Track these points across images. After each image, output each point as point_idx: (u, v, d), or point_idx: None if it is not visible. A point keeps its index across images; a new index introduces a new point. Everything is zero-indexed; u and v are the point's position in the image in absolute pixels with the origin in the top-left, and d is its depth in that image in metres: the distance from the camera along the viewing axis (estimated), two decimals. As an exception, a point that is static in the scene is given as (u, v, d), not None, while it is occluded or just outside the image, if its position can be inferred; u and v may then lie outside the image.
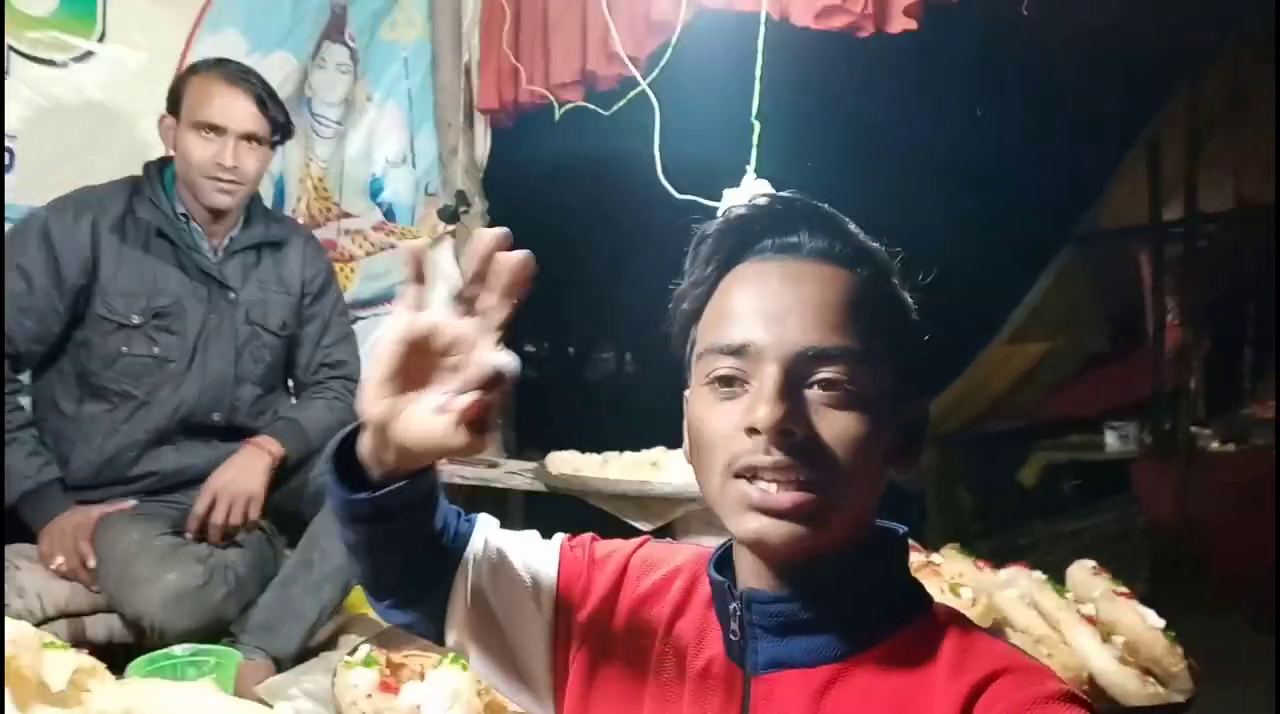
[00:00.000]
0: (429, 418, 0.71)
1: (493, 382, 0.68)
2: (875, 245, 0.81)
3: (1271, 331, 5.86)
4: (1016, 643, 1.82)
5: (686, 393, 0.84)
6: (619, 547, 0.96)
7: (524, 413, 3.59)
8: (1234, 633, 3.92)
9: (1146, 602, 1.93)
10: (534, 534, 1.00)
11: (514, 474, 2.56)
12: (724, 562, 0.84)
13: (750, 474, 0.73)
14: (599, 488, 2.21)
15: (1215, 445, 5.19)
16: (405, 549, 0.87)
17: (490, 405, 0.69)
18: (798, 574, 0.77)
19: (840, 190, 0.91)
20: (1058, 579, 2.08)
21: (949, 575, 2.04)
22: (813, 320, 0.75)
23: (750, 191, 1.92)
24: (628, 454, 2.37)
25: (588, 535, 0.99)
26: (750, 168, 1.95)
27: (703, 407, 0.78)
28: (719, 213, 0.87)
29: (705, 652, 0.83)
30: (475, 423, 0.69)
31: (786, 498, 0.72)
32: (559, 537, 0.99)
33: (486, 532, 0.95)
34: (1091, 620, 1.87)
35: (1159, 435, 5.50)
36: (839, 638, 0.76)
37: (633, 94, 2.37)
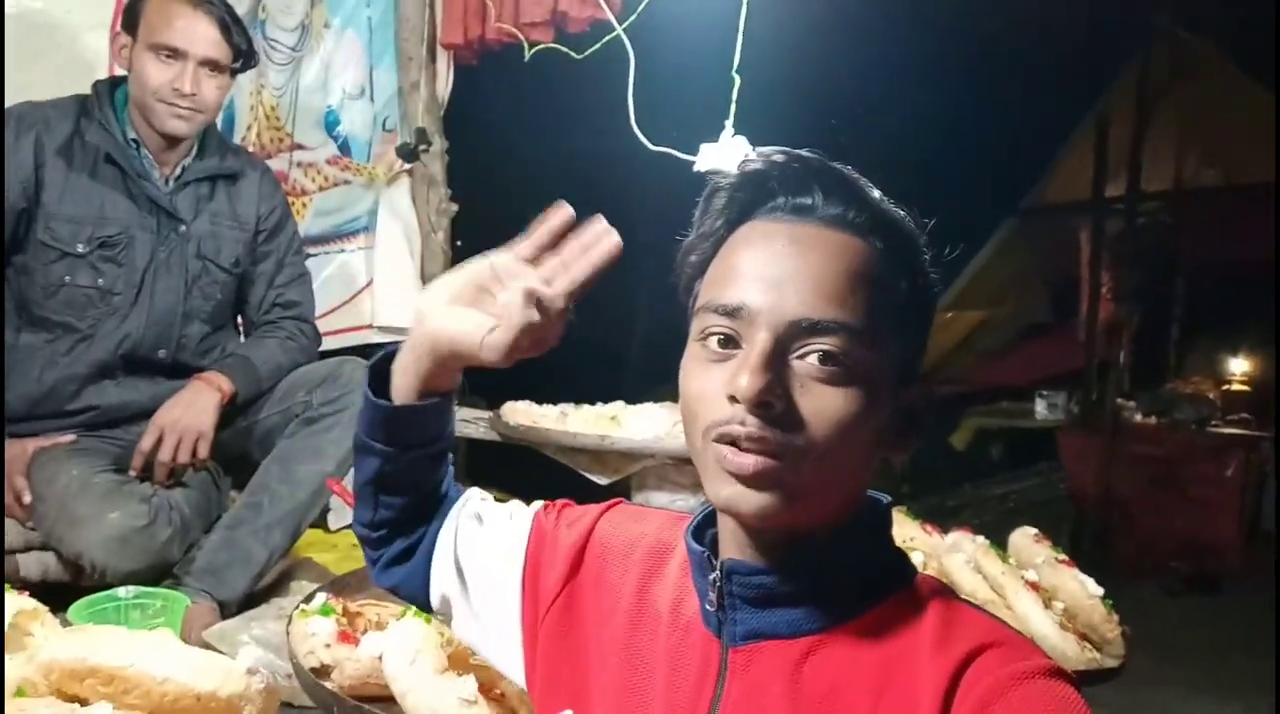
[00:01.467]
0: (473, 322, 0.81)
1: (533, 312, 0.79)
2: (899, 214, 0.77)
3: (1198, 311, 6.10)
4: (962, 606, 1.88)
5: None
6: (588, 511, 0.95)
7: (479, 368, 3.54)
8: (1151, 598, 4.12)
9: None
10: (517, 504, 1.01)
11: (467, 422, 2.53)
12: (701, 530, 0.82)
13: (728, 441, 0.71)
14: (557, 440, 2.19)
15: (1139, 418, 5.37)
16: (411, 490, 0.94)
17: (525, 328, 0.79)
18: (780, 547, 0.76)
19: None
20: (988, 541, 2.13)
21: (900, 539, 2.08)
22: (811, 290, 0.72)
23: (728, 148, 1.89)
24: (586, 407, 2.34)
25: (562, 501, 0.99)
26: (729, 123, 1.92)
27: (693, 364, 0.76)
28: (695, 168, 0.85)
29: (681, 619, 0.82)
30: (508, 343, 0.80)
31: (750, 461, 0.70)
32: (536, 505, 0.99)
33: (472, 498, 1.00)
34: (1034, 586, 1.93)
35: (1086, 406, 5.68)
36: (819, 610, 0.75)
37: (607, 38, 2.31)
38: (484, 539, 0.96)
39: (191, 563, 1.95)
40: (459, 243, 2.96)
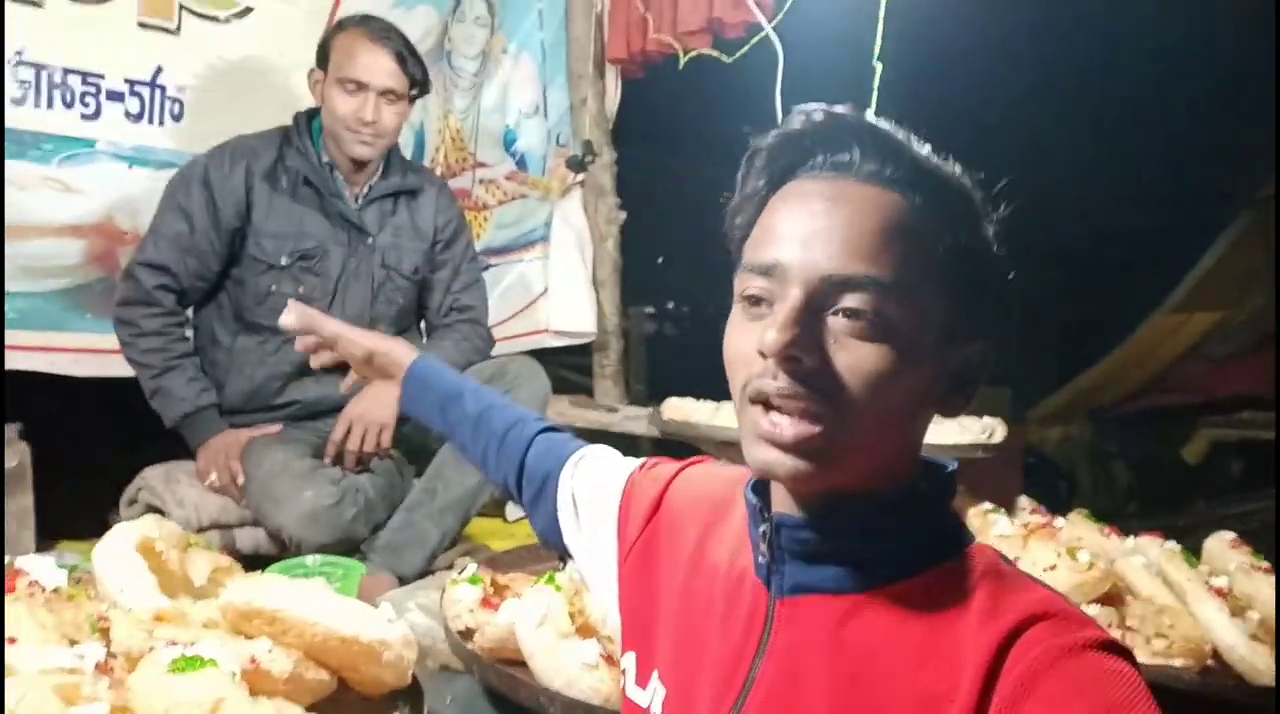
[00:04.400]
0: None
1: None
2: (948, 170, 0.76)
3: None
4: (1136, 612, 1.75)
5: None
6: (673, 465, 1.01)
7: (658, 368, 3.64)
8: None
9: None
10: (628, 460, 1.08)
11: (631, 419, 2.62)
12: (761, 484, 0.84)
13: (762, 400, 0.72)
14: (708, 434, 2.24)
15: (1406, 428, 4.70)
16: (467, 448, 1.21)
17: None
18: (825, 504, 0.76)
19: (969, 141, 0.86)
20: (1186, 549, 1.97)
21: (1067, 540, 1.96)
22: (842, 245, 0.71)
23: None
24: (740, 402, 2.37)
25: (657, 458, 1.05)
26: (870, 110, 1.89)
27: (732, 325, 0.77)
28: None
29: (736, 569, 0.84)
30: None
31: (791, 431, 0.70)
32: (641, 461, 1.06)
33: (589, 454, 1.10)
34: (1222, 593, 1.77)
35: (1342, 415, 5.03)
36: (864, 569, 0.75)
37: (756, 39, 2.35)
38: (593, 490, 1.05)
39: (376, 540, 2.15)
40: (660, 259, 3.05)
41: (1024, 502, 2.31)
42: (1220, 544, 2.00)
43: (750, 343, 0.73)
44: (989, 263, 0.77)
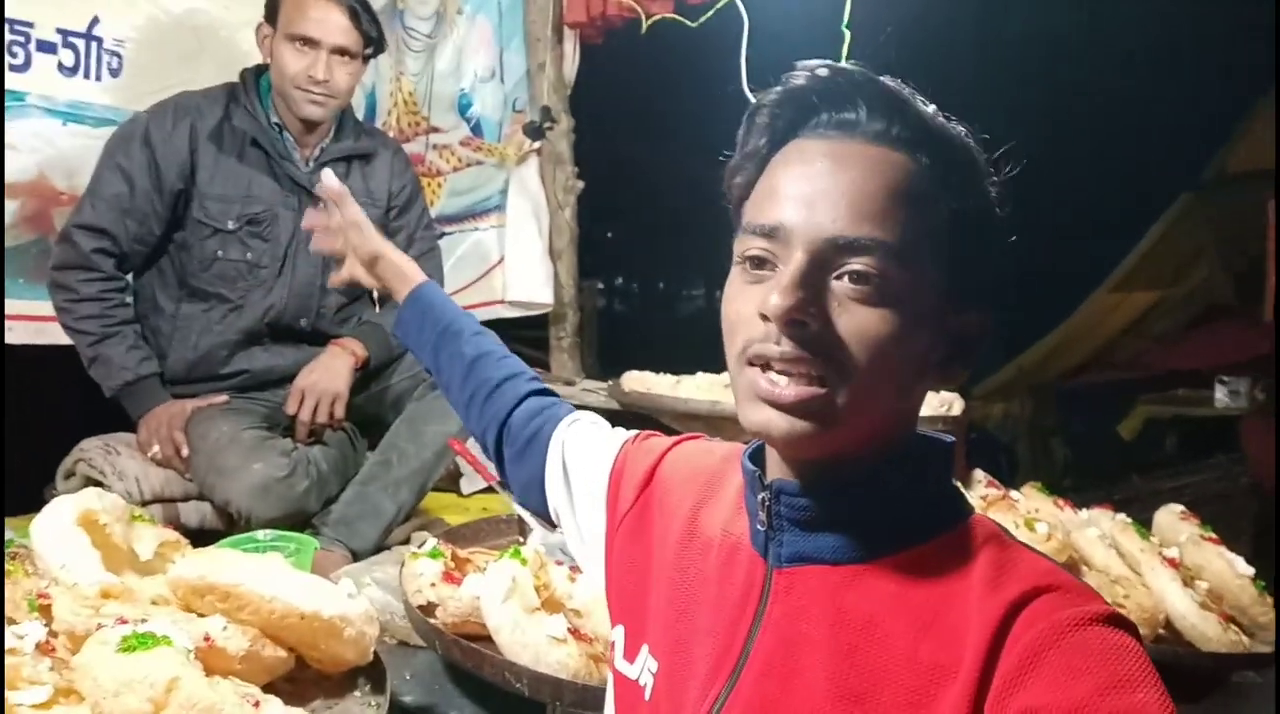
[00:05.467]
0: None
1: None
2: (953, 131, 0.74)
3: None
4: (1092, 582, 1.77)
5: None
6: (666, 440, 0.99)
7: (610, 343, 3.60)
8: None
9: (1249, 562, 1.84)
10: (619, 430, 1.06)
11: (588, 391, 2.58)
12: (758, 454, 0.82)
13: (762, 362, 0.70)
14: (670, 406, 2.21)
15: (1335, 405, 4.88)
16: (454, 389, 1.18)
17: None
18: (822, 471, 0.75)
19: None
20: (1147, 528, 2.00)
21: (1026, 510, 1.98)
22: (847, 207, 0.70)
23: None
24: (700, 375, 2.36)
25: (649, 431, 1.03)
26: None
27: (732, 287, 0.75)
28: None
29: (730, 539, 0.83)
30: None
31: (792, 391, 0.69)
32: (634, 432, 1.05)
33: (580, 420, 1.08)
34: (1174, 564, 1.80)
35: (1273, 392, 5.21)
36: (863, 538, 0.74)
37: (721, 4, 2.30)
38: (585, 456, 1.03)
39: (328, 514, 2.09)
40: (609, 234, 3.01)
41: (979, 475, 2.33)
42: (1170, 516, 2.05)
43: (751, 305, 0.72)
44: (991, 227, 0.76)
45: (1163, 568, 1.78)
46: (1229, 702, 1.68)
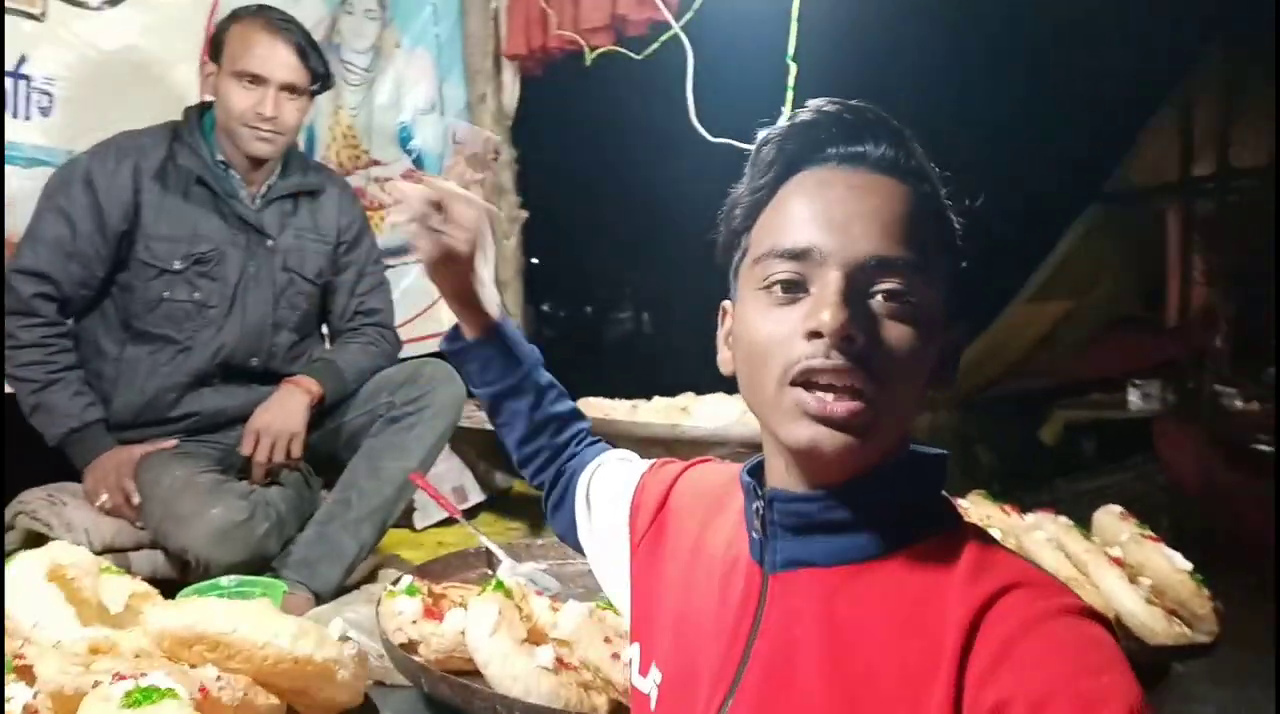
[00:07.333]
0: None
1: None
2: (931, 164, 0.81)
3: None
4: (1044, 584, 1.85)
5: (726, 303, 0.85)
6: (680, 464, 1.03)
7: (558, 369, 3.60)
8: (1257, 592, 3.91)
9: None
10: (641, 462, 1.11)
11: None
12: (756, 469, 0.85)
13: (807, 380, 0.73)
14: (630, 431, 2.24)
15: (1239, 405, 5.15)
16: (517, 431, 1.14)
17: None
18: (832, 481, 0.77)
19: None
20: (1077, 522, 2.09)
21: (977, 517, 2.06)
22: (878, 229, 0.74)
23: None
24: (657, 399, 2.39)
25: (667, 459, 1.08)
26: (785, 109, 1.94)
27: (757, 312, 0.77)
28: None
29: (732, 552, 0.86)
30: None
31: (843, 407, 0.72)
32: (651, 461, 1.09)
33: (607, 458, 1.14)
34: (1119, 562, 1.89)
35: (1183, 394, 5.47)
36: (857, 541, 0.76)
37: (665, 37, 2.36)
38: (607, 495, 1.07)
39: (288, 556, 2.04)
40: (534, 260, 3.03)
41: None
42: (1110, 517, 2.14)
43: (786, 327, 0.74)
44: (963, 248, 0.82)
45: (1109, 567, 1.86)
46: (1164, 690, 1.78)
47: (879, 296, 0.74)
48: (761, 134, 0.82)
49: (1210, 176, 5.46)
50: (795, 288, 0.75)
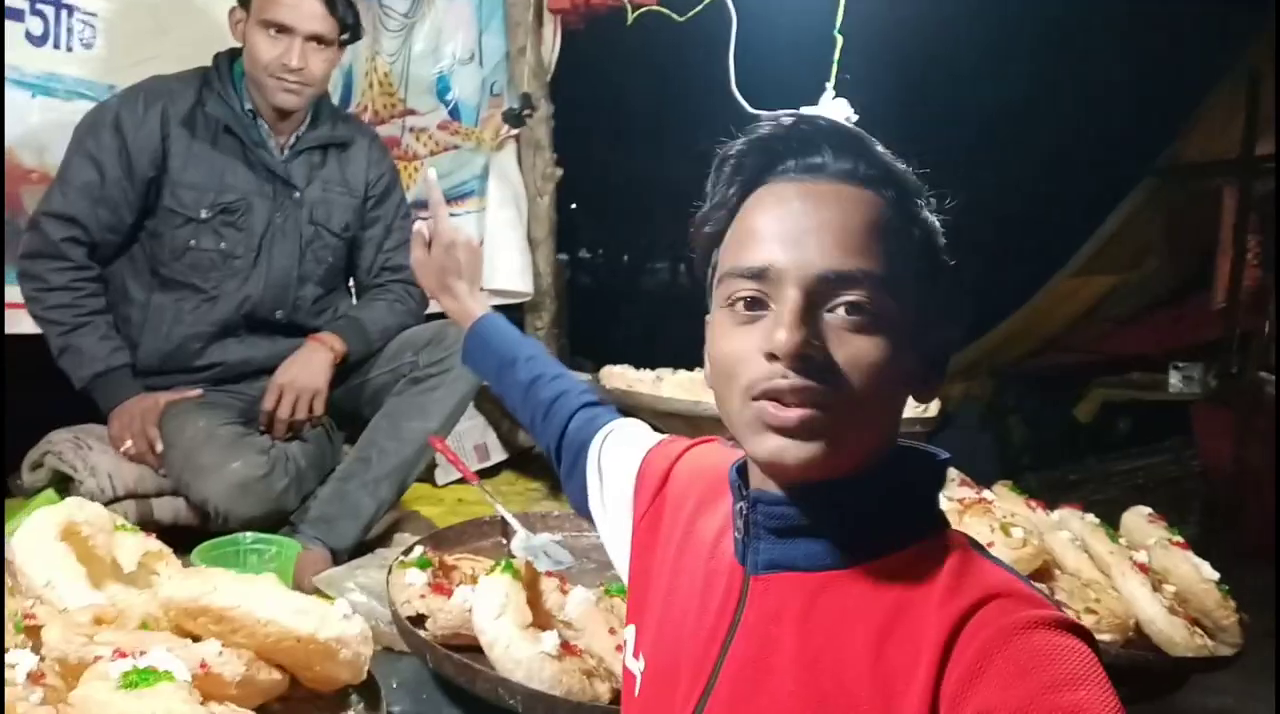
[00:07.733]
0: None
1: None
2: (902, 167, 0.79)
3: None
4: (1064, 585, 1.81)
5: (709, 317, 0.84)
6: (685, 443, 1.02)
7: (578, 321, 3.58)
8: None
9: (1196, 545, 1.90)
10: (652, 436, 1.10)
11: (568, 384, 2.56)
12: (746, 465, 0.84)
13: (770, 398, 0.73)
14: (651, 405, 2.22)
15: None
16: (520, 410, 1.24)
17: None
18: (810, 485, 0.76)
19: (919, 113, 0.86)
20: (1109, 519, 2.05)
21: (1001, 514, 2.02)
22: (833, 243, 0.73)
23: (829, 111, 1.84)
24: (681, 372, 2.36)
25: (673, 436, 1.07)
26: (830, 85, 1.87)
27: (723, 330, 0.77)
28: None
29: (719, 547, 0.86)
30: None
31: (794, 414, 0.71)
32: (660, 437, 1.09)
33: (618, 426, 1.13)
34: (1143, 568, 1.85)
35: (1225, 379, 5.34)
36: (838, 546, 0.76)
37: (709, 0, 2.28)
38: (617, 465, 1.07)
39: (306, 512, 2.06)
40: (574, 206, 2.99)
41: (952, 473, 2.37)
42: (1138, 519, 2.09)
43: (748, 345, 0.74)
44: (942, 250, 0.81)
45: (1133, 573, 1.82)
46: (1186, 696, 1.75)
47: (840, 310, 0.73)
48: (720, 150, 0.81)
49: (1269, 155, 5.25)
50: (757, 306, 0.75)
